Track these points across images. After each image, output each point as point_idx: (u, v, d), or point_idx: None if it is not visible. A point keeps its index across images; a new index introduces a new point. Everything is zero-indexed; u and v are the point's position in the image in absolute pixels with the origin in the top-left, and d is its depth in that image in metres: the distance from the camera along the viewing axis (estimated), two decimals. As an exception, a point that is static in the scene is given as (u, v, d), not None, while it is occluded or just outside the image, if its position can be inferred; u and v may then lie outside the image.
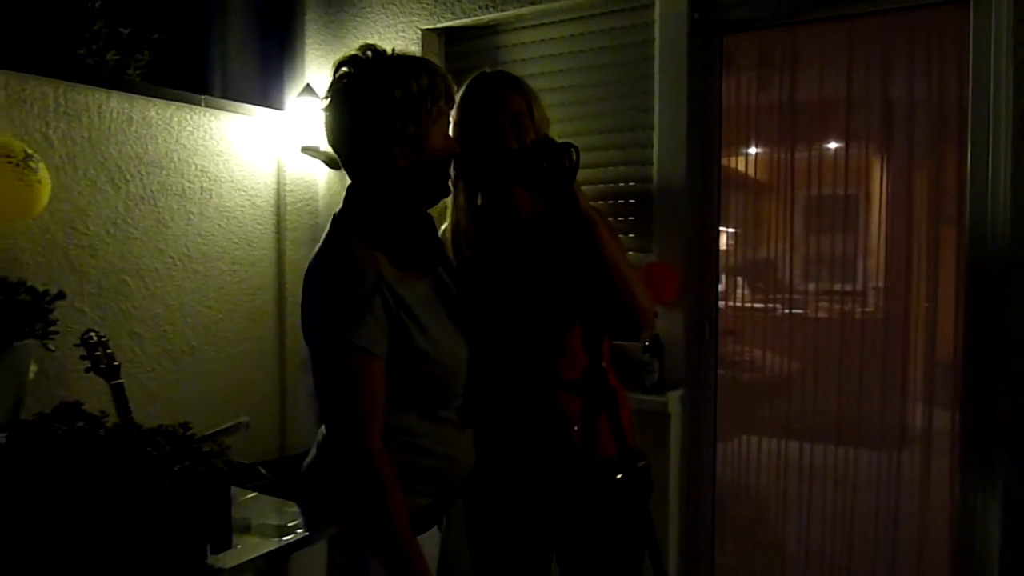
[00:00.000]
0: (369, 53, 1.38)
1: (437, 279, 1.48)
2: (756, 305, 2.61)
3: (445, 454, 1.44)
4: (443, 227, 1.68)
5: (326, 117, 1.41)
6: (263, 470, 2.34)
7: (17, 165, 2.03)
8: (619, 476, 1.33)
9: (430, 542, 1.47)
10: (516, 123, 1.51)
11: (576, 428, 1.36)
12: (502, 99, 1.53)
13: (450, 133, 1.45)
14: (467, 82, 1.60)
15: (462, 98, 1.55)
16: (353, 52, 1.39)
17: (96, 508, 1.13)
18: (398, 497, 1.28)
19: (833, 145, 2.47)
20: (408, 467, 1.39)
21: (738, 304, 2.61)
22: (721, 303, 2.59)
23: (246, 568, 1.32)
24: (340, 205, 1.46)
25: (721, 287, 2.59)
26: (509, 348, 1.56)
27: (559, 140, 1.46)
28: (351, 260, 1.33)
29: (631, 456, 1.22)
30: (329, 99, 1.40)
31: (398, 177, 1.37)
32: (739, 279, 2.63)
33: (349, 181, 1.46)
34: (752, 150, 2.59)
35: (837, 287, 2.49)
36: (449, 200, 1.60)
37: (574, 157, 1.36)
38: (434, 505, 1.47)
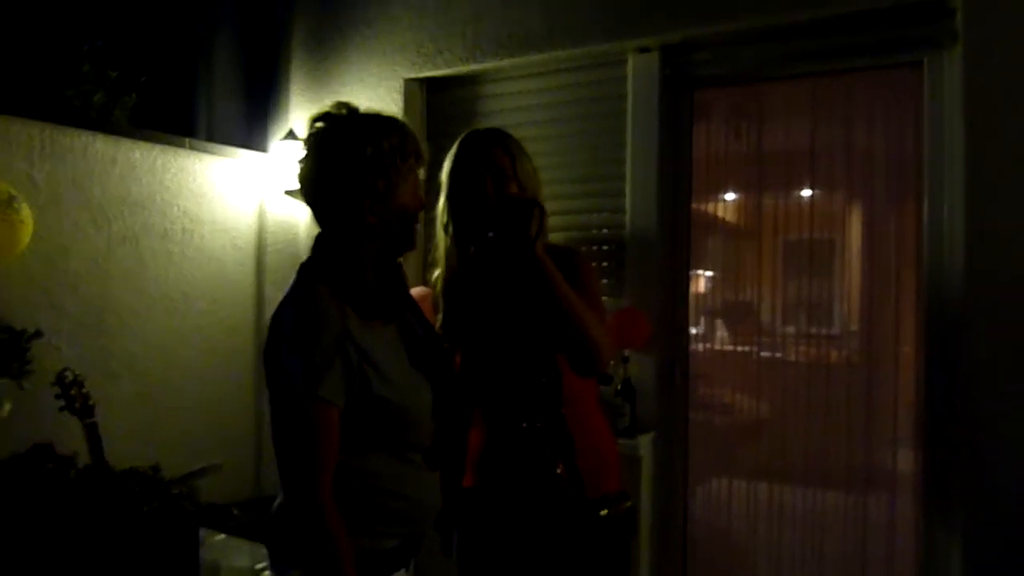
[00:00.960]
0: (344, 110, 1.44)
1: (402, 326, 1.53)
2: (727, 348, 2.67)
3: (412, 496, 1.46)
4: (436, 273, 1.74)
5: (300, 168, 1.46)
6: (236, 511, 2.34)
7: (1, 206, 2.07)
8: (603, 512, 1.37)
9: None
10: (497, 176, 1.59)
11: (560, 467, 1.39)
12: (487, 155, 1.61)
13: (420, 189, 1.52)
14: (460, 138, 1.69)
15: (455, 152, 1.65)
16: (327, 108, 1.46)
17: (65, 549, 1.15)
18: (344, 545, 1.31)
19: (804, 192, 2.56)
20: (375, 509, 1.41)
21: (710, 347, 2.67)
22: (695, 346, 2.64)
23: (212, 609, 1.34)
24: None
25: (695, 330, 2.65)
26: (494, 387, 1.62)
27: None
28: (317, 310, 1.37)
29: (598, 499, 1.25)
30: (304, 152, 1.46)
31: (366, 230, 1.42)
32: (711, 322, 2.70)
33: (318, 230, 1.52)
34: (725, 196, 2.68)
35: (807, 330, 2.55)
36: (442, 243, 1.67)
37: (536, 212, 1.42)
38: (401, 547, 1.49)
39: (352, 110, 1.45)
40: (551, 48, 2.67)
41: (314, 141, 1.44)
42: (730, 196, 2.68)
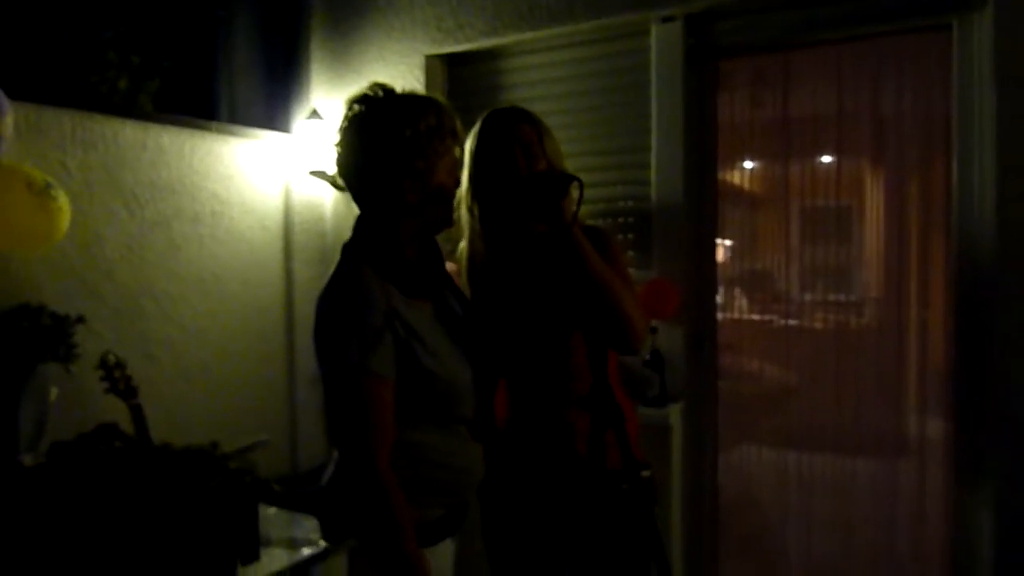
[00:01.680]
0: (380, 92, 1.46)
1: (442, 303, 1.56)
2: (753, 316, 2.68)
3: (458, 466, 1.51)
4: (460, 246, 1.77)
5: (338, 152, 1.48)
6: (276, 486, 2.40)
7: (39, 194, 2.10)
8: (624, 486, 1.40)
9: (445, 552, 1.54)
10: (527, 153, 1.60)
11: (580, 442, 1.42)
12: (515, 130, 1.63)
13: (459, 166, 1.54)
14: (483, 116, 1.70)
15: (479, 131, 1.65)
16: (365, 90, 1.48)
17: (136, 525, 1.20)
18: (405, 514, 1.36)
19: (830, 159, 2.55)
20: (423, 480, 1.46)
21: (736, 316, 2.69)
22: (720, 315, 2.66)
23: (273, 580, 1.39)
24: (349, 232, 1.54)
25: (720, 300, 2.66)
26: (521, 365, 1.64)
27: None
28: (362, 289, 1.41)
29: (635, 467, 1.28)
30: (341, 135, 1.48)
31: (406, 209, 1.44)
32: (737, 291, 2.71)
33: (358, 211, 1.54)
34: (749, 165, 2.67)
35: (834, 297, 2.56)
36: (466, 224, 1.69)
37: (576, 187, 1.44)
38: (448, 516, 1.53)
39: (388, 91, 1.47)
40: (573, 20, 2.65)
41: (352, 123, 1.46)
42: (756, 164, 2.68)
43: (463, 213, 1.69)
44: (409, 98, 1.48)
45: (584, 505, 1.57)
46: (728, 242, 2.70)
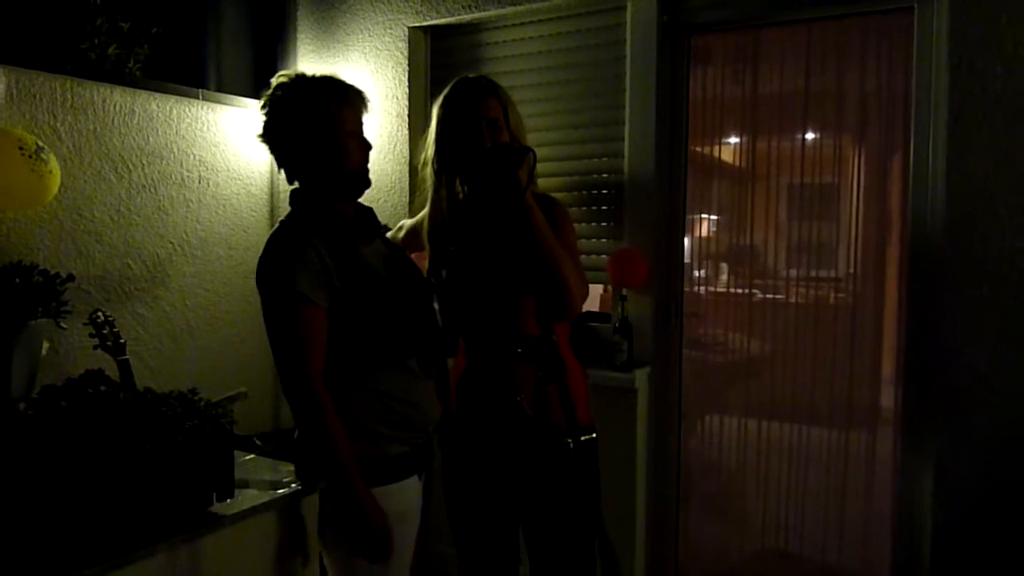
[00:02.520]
0: (290, 78, 1.68)
1: (377, 248, 1.73)
2: (720, 289, 2.79)
3: (411, 401, 1.66)
4: (420, 215, 1.87)
5: (265, 134, 1.73)
6: (258, 441, 2.52)
7: (30, 156, 2.19)
8: (568, 441, 1.51)
9: (412, 489, 1.66)
10: (492, 126, 1.70)
11: (522, 395, 1.53)
12: (481, 103, 1.71)
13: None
14: (450, 85, 1.78)
15: (444, 99, 1.74)
16: (280, 77, 1.70)
17: (119, 458, 1.31)
18: (337, 424, 1.51)
19: (799, 136, 2.64)
20: (380, 416, 1.61)
21: (705, 289, 2.80)
22: (692, 288, 2.77)
23: (247, 515, 1.50)
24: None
25: (699, 273, 2.77)
26: (476, 320, 1.76)
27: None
28: (293, 235, 1.61)
29: (578, 428, 1.39)
30: (264, 118, 1.71)
31: (329, 178, 1.68)
32: (706, 263, 2.82)
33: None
34: (722, 140, 2.76)
35: (799, 272, 2.66)
36: (429, 191, 1.79)
37: (530, 158, 1.53)
38: (411, 454, 1.66)
39: (298, 76, 1.68)
40: (552, -5, 2.73)
41: (272, 109, 1.68)
42: (727, 139, 2.76)
43: (427, 174, 1.79)
44: (315, 81, 1.66)
45: (529, 456, 1.69)
46: (704, 216, 2.79)
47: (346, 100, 1.66)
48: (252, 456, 1.85)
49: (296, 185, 1.72)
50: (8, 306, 2.03)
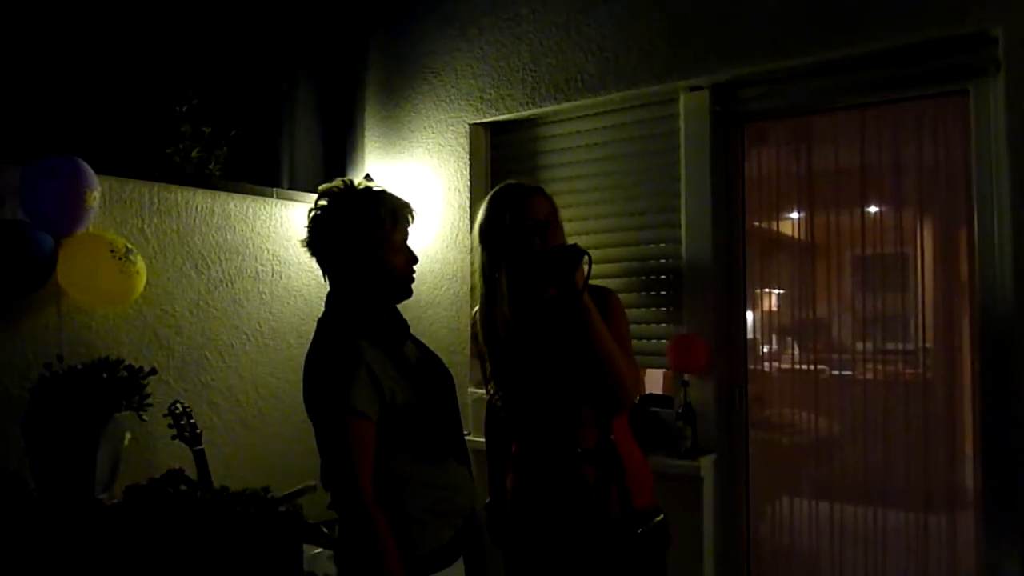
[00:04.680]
0: (339, 187, 1.72)
1: (407, 353, 1.76)
2: (786, 366, 2.75)
3: (455, 486, 1.70)
4: (475, 310, 1.92)
5: (309, 239, 1.76)
6: (325, 529, 2.56)
7: (120, 259, 2.35)
8: (640, 531, 1.51)
9: (458, 572, 1.68)
10: (540, 226, 1.75)
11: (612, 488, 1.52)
12: (528, 204, 1.77)
13: (404, 247, 1.75)
14: (494, 190, 1.85)
15: (492, 206, 1.80)
16: (329, 186, 1.73)
17: (198, 556, 1.36)
18: (389, 542, 1.51)
19: (857, 213, 2.61)
20: (430, 503, 1.65)
21: (771, 364, 2.76)
22: (760, 365, 2.73)
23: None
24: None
25: (765, 349, 2.75)
26: (535, 421, 1.78)
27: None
28: (340, 347, 1.62)
29: (636, 517, 1.38)
30: (310, 226, 1.74)
31: (368, 285, 1.70)
32: (772, 338, 2.78)
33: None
34: (778, 218, 2.76)
35: (866, 347, 2.60)
36: (481, 291, 1.83)
37: (586, 261, 1.58)
38: (456, 537, 1.68)
39: (346, 187, 1.72)
40: (606, 91, 2.83)
41: (318, 218, 1.72)
42: (784, 217, 2.76)
43: (477, 281, 1.84)
44: (364, 197, 1.70)
45: (589, 551, 1.67)
46: (765, 290, 2.78)
47: (396, 221, 1.70)
48: (319, 551, 1.89)
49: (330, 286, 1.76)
50: (95, 400, 2.15)
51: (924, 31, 2.29)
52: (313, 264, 1.78)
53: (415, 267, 1.78)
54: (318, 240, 1.72)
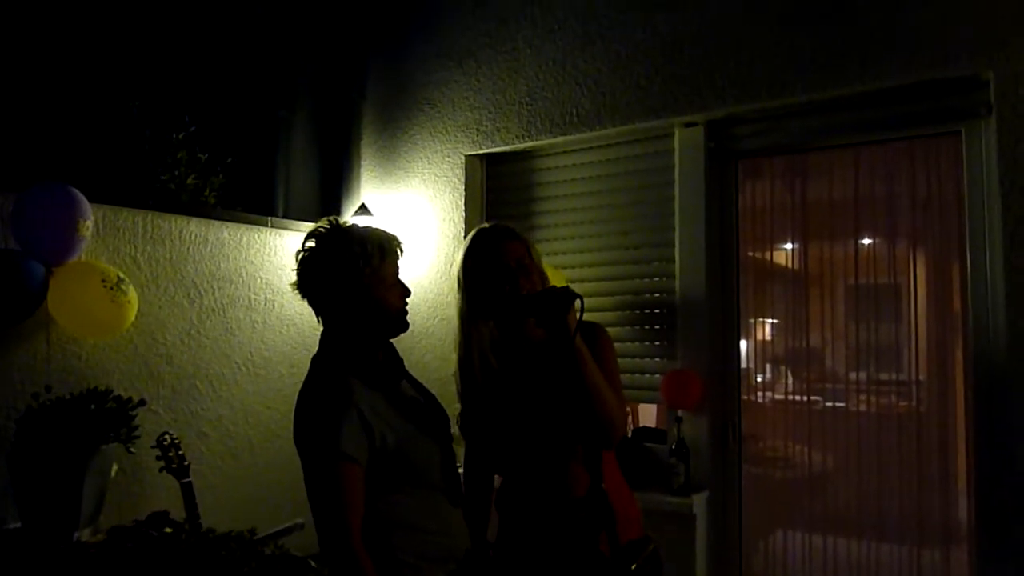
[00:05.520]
0: (326, 227, 1.70)
1: (402, 393, 1.75)
2: (779, 396, 2.74)
3: (443, 529, 1.67)
4: (453, 358, 1.90)
5: (299, 280, 1.73)
6: (313, 563, 2.52)
7: (111, 288, 2.34)
8: (633, 567, 1.49)
9: None
10: (521, 267, 1.75)
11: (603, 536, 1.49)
12: (506, 248, 1.77)
13: (396, 281, 1.73)
14: (470, 237, 1.84)
15: (468, 250, 1.79)
16: (317, 226, 1.72)
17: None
18: None
19: (851, 247, 2.63)
20: (420, 548, 1.62)
21: (764, 394, 2.75)
22: (753, 396, 2.73)
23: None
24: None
25: (759, 379, 2.75)
26: (523, 464, 1.76)
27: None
28: (332, 388, 1.60)
29: (629, 551, 1.36)
30: (299, 266, 1.72)
31: (360, 322, 1.67)
32: (766, 367, 2.78)
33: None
34: (773, 250, 2.77)
35: (861, 378, 2.59)
36: (461, 336, 1.82)
37: (578, 304, 1.57)
38: None
39: (333, 227, 1.70)
40: (601, 125, 2.85)
41: (307, 258, 1.70)
42: (779, 249, 2.77)
43: (458, 325, 1.82)
44: (352, 237, 1.68)
45: None
46: (759, 320, 2.77)
47: (384, 255, 1.69)
48: (306, 590, 1.86)
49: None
50: (82, 432, 2.12)
51: (917, 73, 2.32)
52: (307, 294, 1.76)
53: (408, 299, 1.76)
54: (307, 281, 1.70)
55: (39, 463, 2.08)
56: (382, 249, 1.69)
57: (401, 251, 1.76)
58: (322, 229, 1.71)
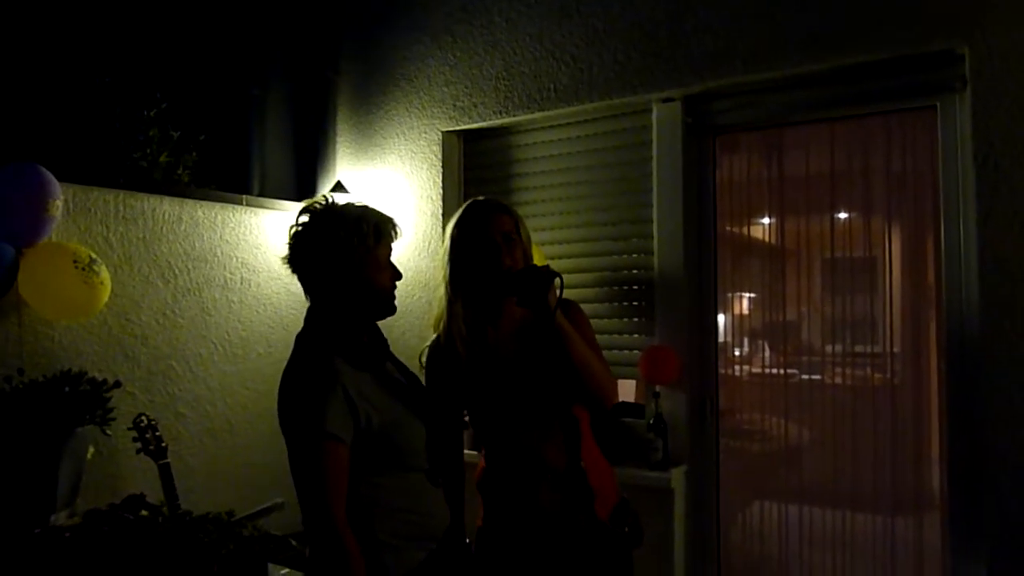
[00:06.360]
0: (320, 205, 1.69)
1: (387, 373, 1.76)
2: (756, 369, 2.76)
3: (423, 510, 1.68)
4: (437, 334, 1.90)
5: (290, 255, 1.71)
6: (294, 542, 2.52)
7: (83, 269, 2.30)
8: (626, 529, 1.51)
9: None
10: (507, 239, 1.74)
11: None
12: (494, 220, 1.77)
13: (387, 263, 1.72)
14: (462, 208, 1.84)
15: (459, 221, 1.79)
16: (310, 203, 1.70)
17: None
18: (360, 563, 1.50)
19: (827, 220, 2.64)
20: (401, 527, 1.63)
21: (742, 368, 2.77)
22: (730, 370, 2.75)
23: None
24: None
25: (736, 352, 2.77)
26: (505, 440, 1.77)
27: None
28: (318, 367, 1.60)
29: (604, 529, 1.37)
30: (291, 242, 1.70)
31: (348, 302, 1.67)
32: (743, 341, 2.80)
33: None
34: (750, 224, 2.78)
35: (838, 351, 2.62)
36: (444, 308, 1.82)
37: (558, 282, 1.58)
38: (430, 560, 1.67)
39: (326, 206, 1.68)
40: (579, 101, 2.83)
41: (299, 234, 1.68)
42: (756, 224, 2.78)
43: (441, 297, 1.82)
44: (348, 217, 1.67)
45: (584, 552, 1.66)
46: (736, 294, 2.79)
47: (380, 236, 1.68)
48: (287, 571, 1.86)
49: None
50: (57, 415, 2.10)
51: (892, 48, 2.32)
52: (283, 272, 1.75)
53: (397, 283, 1.75)
54: (300, 257, 1.68)
55: (13, 447, 2.06)
56: (378, 230, 1.68)
57: (396, 234, 1.75)
58: (317, 205, 1.69)
